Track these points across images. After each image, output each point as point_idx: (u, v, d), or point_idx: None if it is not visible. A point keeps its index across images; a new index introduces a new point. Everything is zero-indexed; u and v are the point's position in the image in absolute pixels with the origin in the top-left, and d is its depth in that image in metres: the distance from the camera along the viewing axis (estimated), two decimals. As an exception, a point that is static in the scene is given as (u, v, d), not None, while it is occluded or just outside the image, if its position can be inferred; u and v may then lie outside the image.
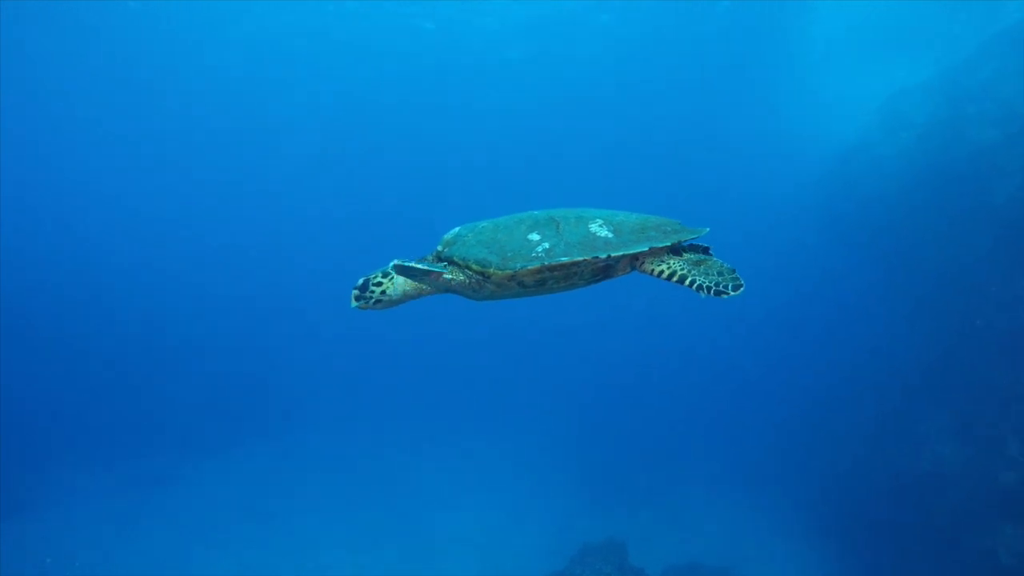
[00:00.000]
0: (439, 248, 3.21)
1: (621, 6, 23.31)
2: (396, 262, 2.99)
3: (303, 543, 14.67)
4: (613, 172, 34.70)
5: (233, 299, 33.74)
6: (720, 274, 2.90)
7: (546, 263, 2.81)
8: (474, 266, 2.93)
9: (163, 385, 24.05)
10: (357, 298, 3.22)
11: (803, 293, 22.63)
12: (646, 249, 2.91)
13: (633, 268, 3.09)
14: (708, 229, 3.06)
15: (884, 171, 14.18)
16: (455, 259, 3.03)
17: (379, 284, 3.22)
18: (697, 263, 3.00)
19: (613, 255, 2.85)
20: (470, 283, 3.10)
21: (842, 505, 12.77)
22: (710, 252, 3.19)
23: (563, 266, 2.85)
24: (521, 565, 13.26)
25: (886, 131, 14.71)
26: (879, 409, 13.00)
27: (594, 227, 2.99)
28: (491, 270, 2.88)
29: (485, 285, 3.05)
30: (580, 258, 2.80)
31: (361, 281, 3.22)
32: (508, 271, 2.85)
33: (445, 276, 3.05)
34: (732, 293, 2.76)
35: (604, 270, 3.04)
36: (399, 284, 3.24)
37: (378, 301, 3.24)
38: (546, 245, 2.89)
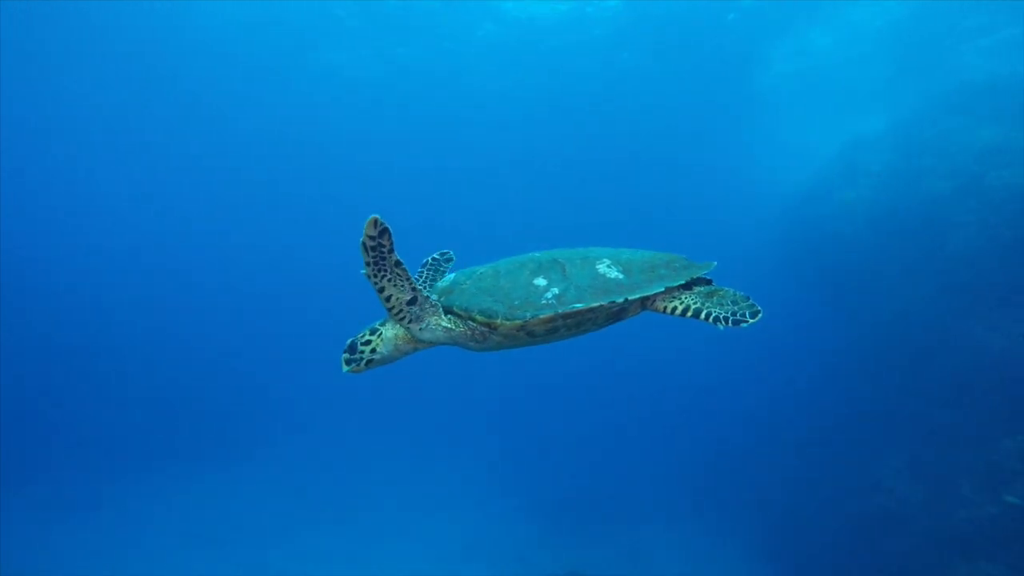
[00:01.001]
0: (434, 298, 2.96)
1: (597, 53, 24.36)
2: (351, 347, 2.87)
3: (247, 570, 13.95)
4: (581, 210, 35.23)
5: (181, 316, 32.81)
6: (735, 303, 2.80)
7: (559, 311, 2.64)
8: (478, 317, 2.72)
9: (101, 403, 22.96)
10: (348, 361, 3.00)
11: (760, 330, 23.22)
12: (662, 290, 2.78)
13: (645, 308, 2.94)
14: (716, 263, 2.99)
15: (843, 215, 14.80)
16: (455, 309, 2.82)
17: (367, 343, 3.00)
18: (709, 295, 2.88)
19: (630, 299, 2.70)
20: (473, 335, 2.87)
21: (801, 541, 12.96)
22: (712, 283, 3.09)
23: (577, 313, 2.68)
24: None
25: (846, 178, 15.39)
26: (837, 447, 13.34)
27: (602, 268, 2.84)
28: (498, 320, 2.68)
29: (491, 337, 2.85)
30: (595, 304, 2.65)
31: (348, 343, 3.00)
32: (517, 321, 2.66)
33: (443, 325, 2.84)
34: (751, 320, 2.67)
35: (617, 313, 2.88)
36: (389, 339, 3.02)
37: (370, 361, 3.00)
38: (555, 291, 2.73)
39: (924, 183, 12.80)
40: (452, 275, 3.11)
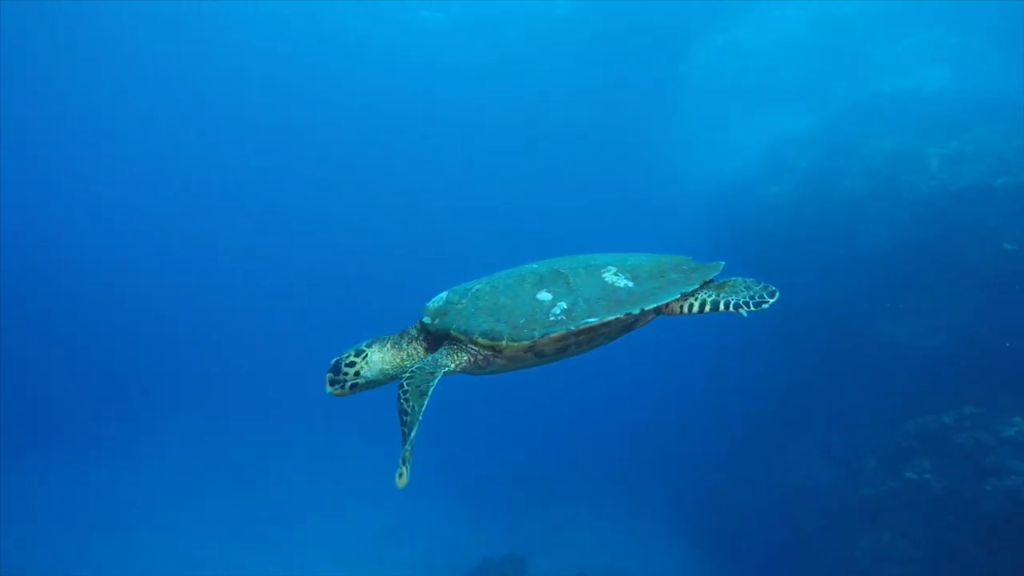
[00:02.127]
0: (426, 320, 2.75)
1: (529, 54, 24.84)
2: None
3: (162, 558, 13.34)
4: (514, 214, 35.51)
5: (95, 294, 30.98)
6: (748, 288, 2.76)
7: (571, 327, 2.44)
8: (481, 340, 2.51)
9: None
10: (331, 382, 2.81)
11: (683, 320, 24.13)
12: (678, 297, 2.65)
13: (660, 313, 2.77)
14: (724, 263, 2.90)
15: (767, 210, 15.56)
16: (452, 333, 2.60)
17: (352, 364, 2.80)
18: (720, 287, 2.81)
19: (646, 308, 2.54)
20: (476, 360, 2.66)
21: (719, 519, 13.72)
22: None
23: (590, 328, 2.50)
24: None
25: (770, 174, 16.16)
26: (754, 431, 14.17)
27: (609, 277, 2.67)
28: (503, 343, 2.47)
29: (495, 360, 2.64)
30: (610, 317, 2.47)
31: (332, 362, 2.81)
32: (525, 342, 2.45)
33: (447, 365, 2.61)
34: (771, 300, 2.66)
35: (631, 324, 2.72)
36: (375, 363, 2.83)
37: (354, 385, 2.82)
38: (563, 305, 2.53)
39: (842, 182, 13.65)
40: (444, 294, 2.86)
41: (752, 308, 2.65)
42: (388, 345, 2.87)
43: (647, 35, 23.80)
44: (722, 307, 2.68)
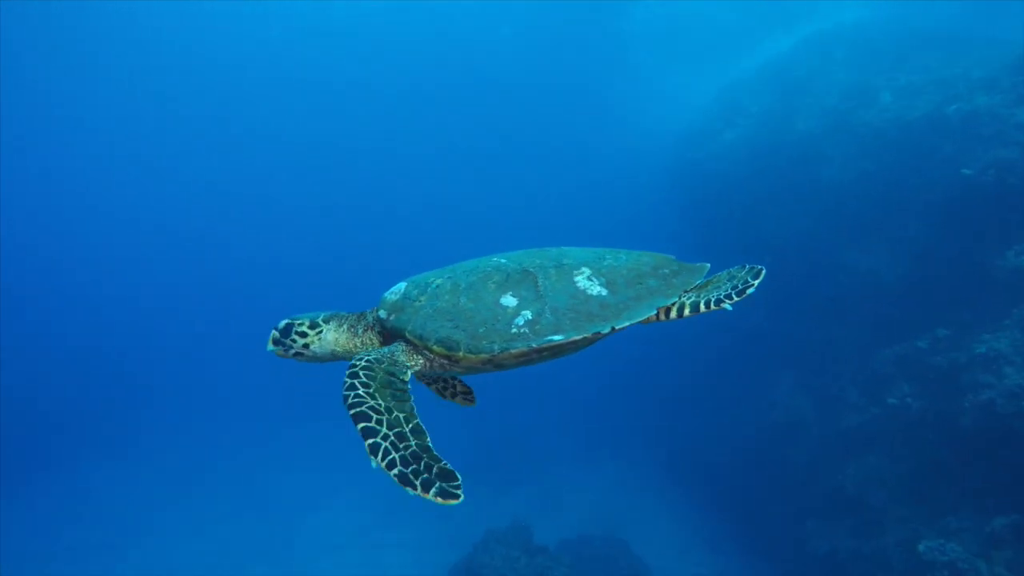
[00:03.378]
0: (382, 315, 2.51)
1: (469, 16, 24.61)
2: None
3: (157, 556, 13.01)
4: (477, 179, 35.19)
5: (82, 294, 30.26)
6: (732, 278, 2.57)
7: (532, 344, 2.20)
8: (436, 348, 2.29)
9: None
10: (275, 341, 2.62)
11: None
12: (653, 314, 2.39)
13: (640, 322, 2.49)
14: (709, 265, 2.67)
15: (724, 155, 15.70)
16: (407, 335, 2.36)
17: (303, 335, 2.60)
18: (700, 288, 2.59)
19: (617, 327, 2.28)
20: (431, 366, 2.43)
21: (704, 462, 14.11)
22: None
23: (555, 346, 2.25)
24: (409, 559, 12.96)
25: (725, 119, 16.27)
26: (731, 374, 14.51)
27: (581, 281, 2.41)
28: (460, 353, 2.24)
29: (451, 368, 2.45)
30: (576, 336, 2.22)
31: (283, 324, 2.61)
32: (483, 355, 2.22)
33: (406, 364, 2.37)
34: (756, 281, 2.46)
35: (600, 338, 2.43)
36: (328, 341, 2.63)
37: (299, 353, 2.63)
38: (527, 315, 2.28)
39: (797, 122, 13.81)
40: (402, 285, 2.60)
41: (736, 298, 2.43)
42: (345, 327, 2.67)
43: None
44: (703, 308, 2.45)
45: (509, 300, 2.33)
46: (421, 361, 2.41)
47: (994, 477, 7.68)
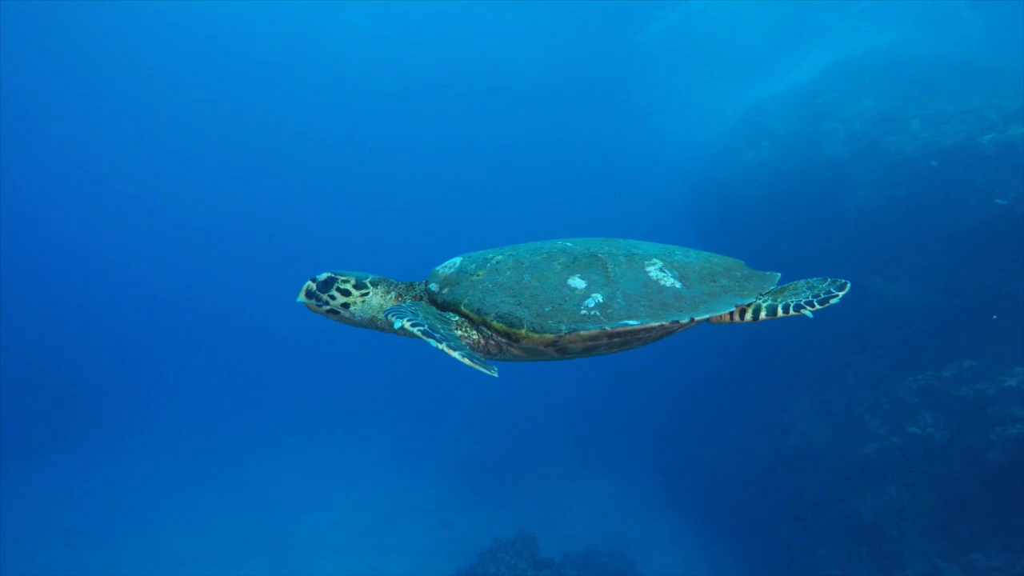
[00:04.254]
0: (433, 287, 2.39)
1: (497, 29, 24.78)
2: (403, 323, 2.06)
3: (151, 563, 12.81)
4: (503, 186, 35.37)
5: (77, 290, 30.19)
6: (812, 287, 2.49)
7: (606, 327, 2.06)
8: (496, 323, 2.14)
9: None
10: (309, 294, 2.43)
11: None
12: (732, 310, 2.32)
13: (707, 320, 2.39)
14: (780, 274, 2.62)
15: (748, 177, 15.62)
16: (463, 309, 2.24)
17: (345, 292, 2.43)
18: (776, 293, 2.52)
19: (697, 318, 2.18)
20: (486, 344, 2.28)
21: (715, 486, 13.87)
22: None
23: (628, 331, 2.12)
24: (410, 564, 12.78)
25: (749, 141, 16.20)
26: (747, 395, 14.31)
27: (653, 271, 2.31)
28: (522, 331, 2.10)
29: (508, 349, 2.28)
30: (653, 323, 2.09)
31: (324, 276, 2.44)
32: (548, 335, 2.08)
33: (454, 336, 2.17)
34: (841, 293, 2.40)
35: (672, 331, 2.33)
36: (373, 307, 2.46)
37: (333, 311, 2.45)
38: (598, 298, 2.16)
39: (825, 146, 13.74)
40: (457, 259, 2.48)
41: (818, 306, 2.37)
42: (392, 295, 2.52)
43: (599, 11, 23.92)
44: (781, 312, 2.38)
45: (577, 282, 2.22)
46: (475, 337, 2.26)
47: (1025, 514, 7.47)
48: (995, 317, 9.03)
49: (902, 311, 10.99)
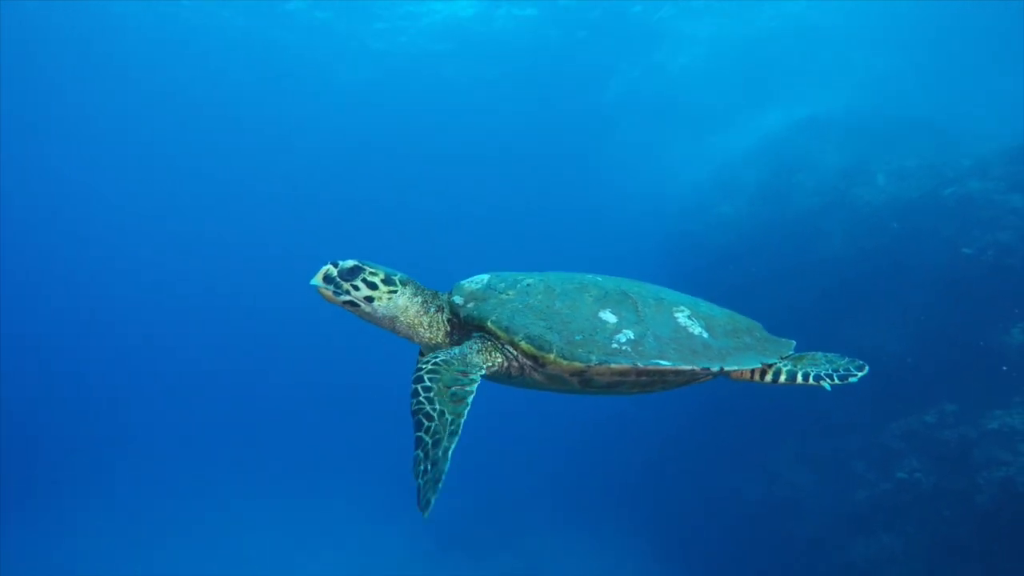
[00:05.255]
0: (457, 300, 2.35)
1: (479, 88, 25.44)
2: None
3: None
4: (475, 248, 35.60)
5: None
6: (830, 361, 2.55)
7: (638, 364, 2.06)
8: (524, 345, 2.10)
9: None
10: (328, 279, 2.31)
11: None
12: (759, 366, 2.37)
13: (724, 374, 2.40)
14: (795, 342, 2.69)
15: (722, 226, 16.06)
16: (489, 326, 2.18)
17: (372, 286, 2.33)
18: (796, 359, 2.58)
19: (726, 368, 2.20)
20: (508, 367, 2.23)
21: (699, 538, 13.66)
22: None
23: (658, 371, 2.12)
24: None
25: (723, 193, 16.74)
26: (730, 445, 14.29)
27: (681, 318, 2.34)
28: (551, 355, 2.06)
29: (532, 374, 2.24)
30: (684, 367, 2.11)
31: (350, 264, 2.33)
32: (577, 363, 2.05)
33: (480, 366, 2.15)
34: (860, 374, 2.47)
35: (692, 380, 2.34)
36: (398, 307, 2.37)
37: (352, 303, 2.33)
38: (630, 334, 2.16)
39: (795, 199, 14.29)
40: (484, 276, 2.46)
41: (837, 381, 2.41)
42: (419, 299, 2.45)
43: (566, 67, 24.85)
44: (800, 379, 2.43)
45: (609, 316, 2.22)
46: (499, 360, 2.21)
47: (1020, 559, 7.53)
48: (1004, 368, 9.23)
49: (879, 357, 11.20)
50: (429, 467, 1.79)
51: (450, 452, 1.83)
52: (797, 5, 21.24)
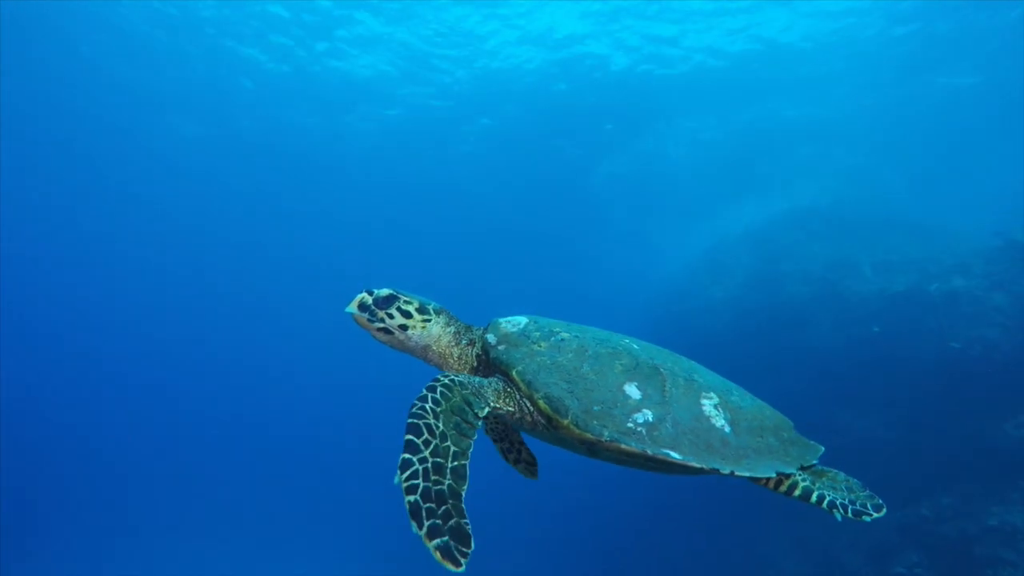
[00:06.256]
0: (491, 339, 2.35)
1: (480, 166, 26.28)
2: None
3: None
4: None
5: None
6: (850, 489, 2.41)
7: (648, 451, 2.02)
8: (542, 404, 2.10)
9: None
10: (363, 307, 2.37)
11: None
12: (773, 476, 2.26)
13: (734, 477, 2.29)
14: (823, 448, 2.54)
15: (713, 311, 16.32)
16: (514, 375, 2.18)
17: (407, 315, 2.38)
18: (818, 474, 2.46)
19: (737, 473, 2.11)
20: (521, 417, 2.22)
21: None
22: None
23: (665, 461, 2.05)
24: None
25: (712, 277, 17.13)
26: (722, 531, 13.96)
27: (708, 406, 2.24)
28: (565, 421, 2.05)
29: (542, 431, 2.23)
30: (695, 464, 2.05)
31: (386, 292, 2.39)
32: (589, 435, 2.03)
33: (491, 402, 2.14)
34: (875, 515, 2.29)
35: (707, 474, 2.24)
36: (432, 335, 2.42)
37: (386, 331, 2.39)
38: (649, 415, 2.10)
39: (785, 285, 14.67)
40: (523, 319, 2.42)
41: (850, 516, 2.28)
42: (452, 329, 2.49)
43: (553, 156, 25.81)
44: (814, 500, 2.31)
45: (633, 391, 2.17)
46: (510, 408, 2.20)
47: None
48: (875, 329, 9.23)
49: (871, 446, 11.25)
50: (440, 511, 1.70)
51: (461, 492, 1.78)
52: (782, 108, 22.56)
